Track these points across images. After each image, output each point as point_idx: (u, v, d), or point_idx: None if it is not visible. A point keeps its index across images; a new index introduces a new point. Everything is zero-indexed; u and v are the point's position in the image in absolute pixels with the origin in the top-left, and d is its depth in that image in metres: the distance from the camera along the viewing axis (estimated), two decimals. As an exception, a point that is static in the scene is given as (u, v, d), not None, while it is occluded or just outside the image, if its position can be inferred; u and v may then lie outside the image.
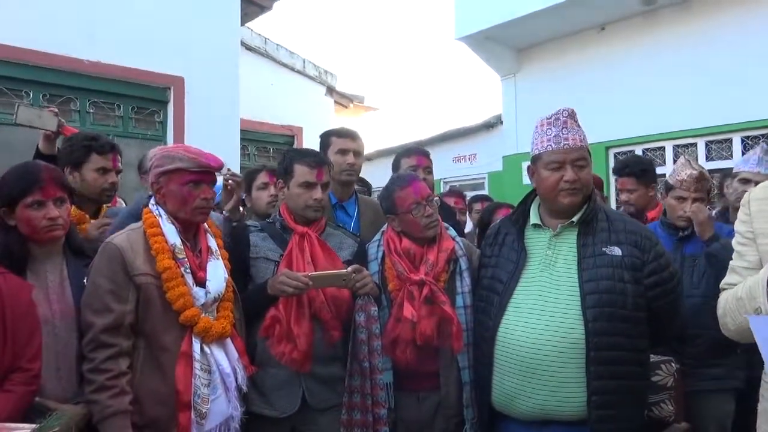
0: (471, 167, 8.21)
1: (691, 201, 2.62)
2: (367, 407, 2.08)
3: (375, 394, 2.09)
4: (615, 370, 1.85)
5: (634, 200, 3.18)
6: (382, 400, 2.09)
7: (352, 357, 2.12)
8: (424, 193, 2.26)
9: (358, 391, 2.11)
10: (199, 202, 1.92)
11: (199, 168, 1.92)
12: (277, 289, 2.01)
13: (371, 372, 2.09)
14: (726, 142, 5.97)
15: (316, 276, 2.01)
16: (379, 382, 2.09)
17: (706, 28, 5.84)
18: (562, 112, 2.04)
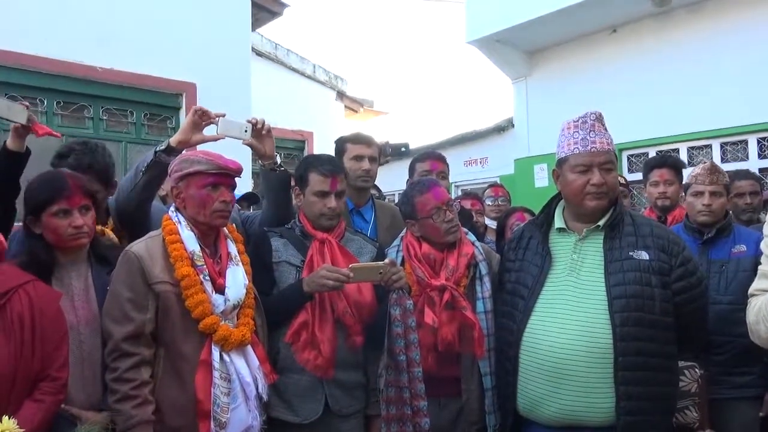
0: (482, 171, 8.19)
1: (708, 194, 2.62)
2: (405, 400, 2.05)
3: (414, 387, 2.06)
4: (643, 375, 1.82)
5: (671, 193, 3.16)
6: (421, 393, 2.06)
7: (387, 352, 2.09)
8: (444, 198, 2.24)
9: (393, 384, 2.08)
10: (218, 205, 1.90)
11: (218, 170, 1.91)
12: (318, 284, 2.00)
13: (409, 365, 2.06)
14: (741, 144, 5.91)
15: (356, 267, 2.01)
16: (417, 374, 2.06)
17: (719, 29, 5.79)
18: (590, 115, 2.03)
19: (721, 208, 2.64)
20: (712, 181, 2.64)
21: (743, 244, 2.52)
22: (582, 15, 6.37)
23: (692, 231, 2.67)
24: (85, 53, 5.00)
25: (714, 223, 2.62)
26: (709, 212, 2.61)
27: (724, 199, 2.65)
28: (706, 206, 2.61)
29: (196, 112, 2.16)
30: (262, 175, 2.36)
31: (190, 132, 2.17)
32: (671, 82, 6.10)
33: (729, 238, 2.59)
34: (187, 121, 2.18)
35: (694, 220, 2.68)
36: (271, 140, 2.32)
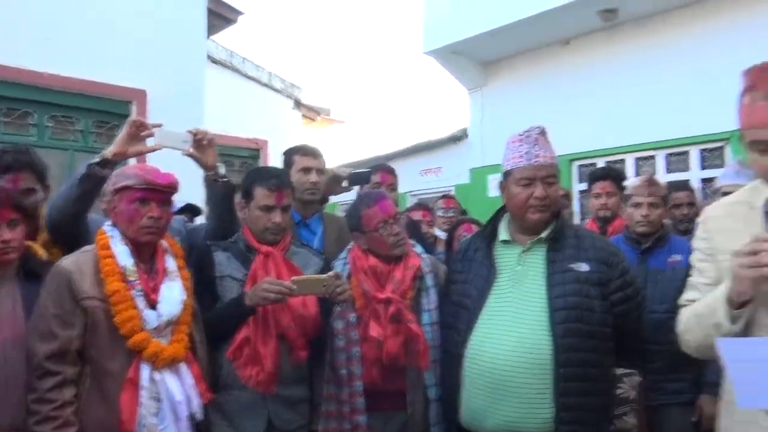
0: (438, 180, 8.27)
1: (647, 206, 2.71)
2: (344, 415, 2.05)
3: (353, 402, 2.06)
4: (583, 386, 1.85)
5: (611, 205, 3.26)
6: (361, 407, 2.06)
7: (329, 365, 2.08)
8: (392, 212, 2.25)
9: (333, 399, 2.08)
10: (146, 221, 1.86)
11: (147, 185, 1.87)
12: (259, 297, 1.96)
13: (349, 379, 2.06)
14: (684, 155, 6.13)
15: (299, 280, 1.98)
16: (357, 388, 2.06)
17: (663, 44, 6.01)
18: (534, 129, 2.06)
19: (659, 218, 2.74)
20: (650, 192, 2.73)
21: (678, 254, 2.61)
22: (535, 28, 6.53)
23: (631, 241, 2.75)
24: (30, 58, 4.83)
25: (652, 234, 2.71)
26: (647, 223, 2.70)
27: (661, 210, 2.75)
28: (644, 217, 2.70)
29: (132, 123, 2.12)
30: (205, 187, 2.33)
31: (125, 144, 2.13)
32: (619, 95, 6.29)
33: (665, 248, 2.68)
34: (123, 132, 2.13)
35: (633, 231, 2.76)
36: (213, 151, 2.29)
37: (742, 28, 5.28)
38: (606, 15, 6.17)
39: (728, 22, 5.50)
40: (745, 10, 5.43)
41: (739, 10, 5.49)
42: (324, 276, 2.02)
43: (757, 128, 1.33)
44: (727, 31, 5.42)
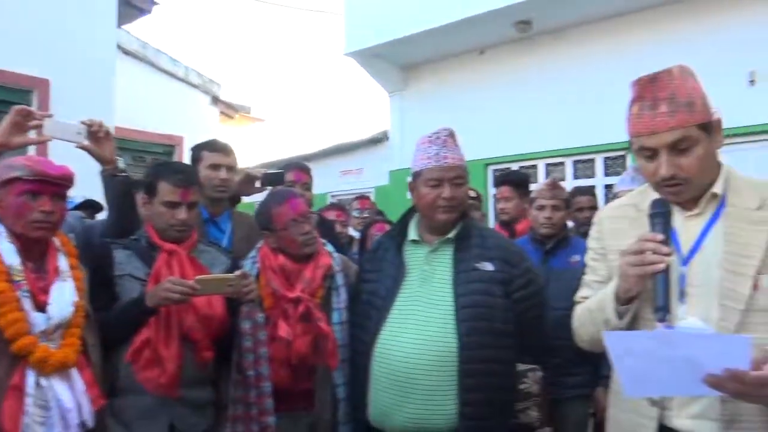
0: (358, 181, 8.30)
1: (550, 208, 2.84)
2: (252, 417, 2.00)
3: (261, 403, 2.01)
4: (486, 382, 1.90)
5: (510, 209, 3.39)
6: (269, 408, 2.02)
7: (235, 367, 2.03)
8: (302, 210, 2.23)
9: (240, 401, 2.03)
10: (37, 215, 1.74)
11: (36, 177, 1.74)
12: (160, 297, 1.87)
13: (257, 381, 2.02)
14: (590, 162, 6.48)
15: (203, 279, 1.91)
16: (266, 389, 2.02)
17: (576, 56, 6.33)
18: (442, 131, 2.11)
19: (561, 220, 2.87)
20: (552, 196, 2.87)
21: (578, 255, 2.74)
22: (452, 35, 6.69)
23: (535, 242, 2.87)
24: None
25: (555, 235, 2.84)
26: (550, 225, 2.83)
27: (563, 212, 2.89)
28: (547, 219, 2.83)
29: (17, 112, 1.97)
30: (102, 182, 2.21)
31: (7, 134, 1.97)
32: (533, 103, 6.56)
33: (567, 249, 2.81)
34: (7, 121, 1.97)
35: (537, 232, 2.89)
36: (110, 143, 2.17)
37: (646, 44, 5.64)
38: (521, 26, 6.42)
39: (635, 38, 5.87)
40: (651, 29, 5.82)
41: (645, 28, 5.87)
42: (230, 275, 1.96)
43: (643, 136, 1.41)
44: (633, 45, 5.78)
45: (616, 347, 1.21)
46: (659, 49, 5.38)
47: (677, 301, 1.41)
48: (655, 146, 1.40)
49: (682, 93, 1.37)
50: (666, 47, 5.35)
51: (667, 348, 1.13)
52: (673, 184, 1.41)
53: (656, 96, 1.39)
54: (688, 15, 5.69)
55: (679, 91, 1.38)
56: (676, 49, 5.05)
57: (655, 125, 1.38)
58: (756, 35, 5.34)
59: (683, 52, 4.50)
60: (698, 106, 1.38)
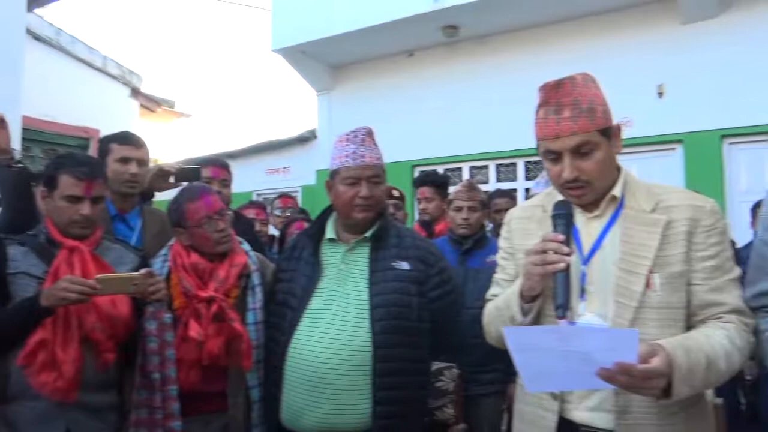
0: (285, 180, 8.19)
1: (466, 209, 2.90)
2: (157, 422, 1.92)
3: (167, 407, 1.94)
4: (400, 380, 1.91)
5: (431, 209, 3.44)
6: (176, 412, 1.94)
7: (139, 370, 1.95)
8: (217, 207, 2.16)
9: (144, 405, 1.94)
10: None
11: None
12: (57, 297, 1.76)
13: (163, 383, 1.94)
14: (512, 166, 6.69)
15: (104, 278, 1.80)
16: (172, 393, 1.95)
17: (499, 63, 6.51)
18: (360, 130, 2.11)
19: (478, 221, 2.94)
20: (469, 197, 2.93)
21: (494, 255, 2.81)
22: (380, 37, 6.73)
23: (453, 242, 2.93)
24: None
25: (472, 235, 2.90)
26: (467, 225, 2.89)
27: (480, 213, 2.95)
28: (464, 220, 2.89)
29: None
30: None
31: None
32: (458, 106, 6.70)
33: (484, 249, 2.88)
34: None
35: (455, 232, 2.94)
36: (5, 133, 2.03)
37: (564, 55, 5.87)
38: (448, 31, 6.54)
39: (554, 48, 6.11)
40: (568, 41, 6.08)
41: (563, 40, 6.12)
42: (135, 274, 1.87)
43: (548, 140, 1.46)
44: (551, 55, 6.00)
45: (516, 343, 1.24)
46: (576, 61, 5.61)
47: (578, 299, 1.46)
48: (558, 149, 1.45)
49: (585, 99, 1.43)
50: (582, 59, 5.59)
51: (563, 343, 1.17)
52: (575, 187, 1.46)
53: (560, 101, 1.44)
54: (602, 29, 5.99)
55: (581, 97, 1.43)
56: (591, 61, 5.28)
57: (559, 129, 1.43)
58: (664, 50, 5.69)
59: (598, 63, 4.74)
60: (599, 113, 1.44)
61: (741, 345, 1.35)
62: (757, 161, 5.43)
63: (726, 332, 1.35)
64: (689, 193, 1.52)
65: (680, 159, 5.71)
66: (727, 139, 5.53)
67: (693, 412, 1.44)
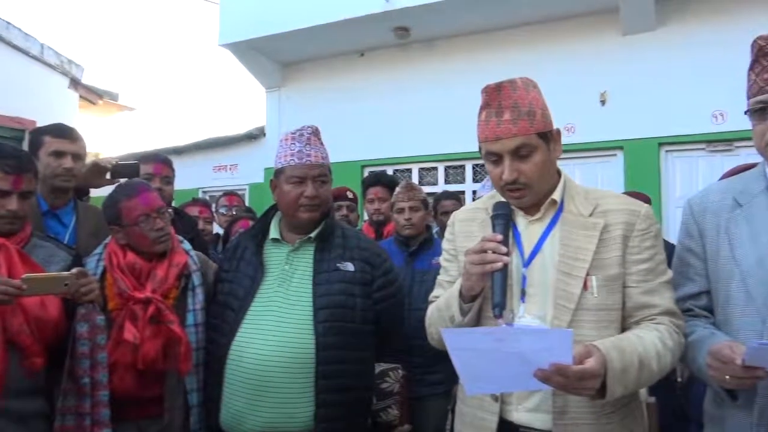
0: (232, 177, 8.03)
1: (408, 210, 2.91)
2: (84, 429, 1.83)
3: (96, 414, 1.84)
4: (343, 383, 1.89)
5: (384, 209, 3.43)
6: (105, 419, 1.86)
7: (68, 374, 1.85)
8: (155, 205, 2.09)
9: (71, 412, 1.84)
10: None
11: None
12: None
13: (93, 388, 1.85)
14: (460, 168, 6.77)
15: (32, 278, 1.71)
16: (102, 398, 1.86)
17: (448, 67, 6.57)
18: (306, 128, 2.08)
19: (421, 221, 2.94)
20: (409, 197, 2.93)
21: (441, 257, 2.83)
22: (332, 35, 6.69)
23: (400, 243, 2.93)
24: None
25: (417, 236, 2.91)
26: (410, 225, 2.90)
27: (422, 212, 2.95)
28: (407, 220, 2.89)
29: None
30: None
31: None
32: (408, 108, 6.73)
33: (430, 250, 2.89)
34: None
35: (399, 234, 2.94)
36: None
37: (510, 61, 5.98)
38: (399, 33, 6.56)
39: (500, 54, 6.21)
40: (514, 47, 6.20)
41: (509, 46, 6.24)
42: (65, 274, 1.78)
43: (489, 141, 1.48)
44: (497, 61, 6.10)
45: (454, 344, 1.24)
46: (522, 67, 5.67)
47: (518, 301, 1.48)
48: (499, 151, 1.47)
49: (524, 102, 1.45)
50: (529, 65, 5.68)
51: (499, 344, 1.18)
52: (514, 189, 1.48)
53: (501, 104, 1.46)
54: (547, 37, 6.14)
55: (521, 100, 1.45)
56: (537, 68, 5.37)
57: (499, 132, 1.45)
58: (606, 59, 5.88)
59: (543, 70, 4.85)
60: (538, 116, 1.46)
61: (672, 346, 1.40)
62: (690, 169, 5.68)
63: (658, 333, 1.39)
64: (625, 198, 1.56)
65: (620, 165, 5.91)
66: (663, 146, 5.76)
67: (627, 411, 1.48)
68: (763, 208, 1.46)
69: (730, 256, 1.47)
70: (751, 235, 1.45)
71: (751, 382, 1.29)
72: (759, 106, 1.41)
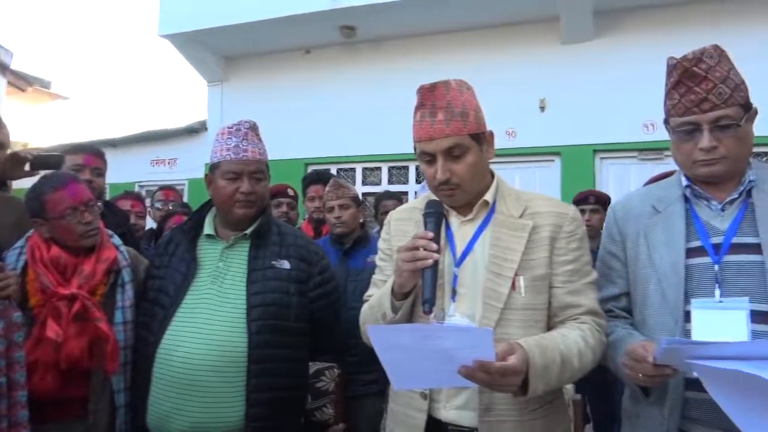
0: (171, 172, 7.80)
1: (337, 208, 2.91)
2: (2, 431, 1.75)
3: (14, 415, 1.75)
4: (275, 382, 1.87)
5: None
6: (23, 421, 1.77)
7: None
8: (83, 198, 2.01)
9: None
10: None
11: None
12: None
13: (10, 389, 1.75)
14: (404, 169, 6.82)
15: None
16: (20, 399, 1.77)
17: (392, 67, 6.60)
18: (244, 123, 2.04)
19: (352, 218, 2.94)
20: (338, 195, 2.94)
21: (375, 255, 2.84)
22: (277, 31, 6.61)
23: (334, 242, 2.92)
24: None
25: (350, 234, 2.90)
26: (341, 223, 2.90)
27: (353, 210, 2.94)
28: (337, 219, 2.90)
29: None
30: None
31: None
32: (353, 107, 6.72)
33: (366, 248, 2.89)
34: None
35: (333, 233, 2.93)
36: None
37: (451, 65, 6.01)
38: (346, 31, 6.55)
39: (442, 57, 6.27)
40: (456, 51, 6.29)
41: (451, 50, 6.33)
42: None
43: (423, 141, 1.50)
44: (440, 64, 6.15)
45: (380, 341, 1.25)
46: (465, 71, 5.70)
47: (449, 300, 1.51)
48: (432, 151, 1.49)
49: (458, 103, 1.48)
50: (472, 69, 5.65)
51: (424, 341, 1.20)
52: (447, 188, 1.51)
53: (435, 104, 1.48)
54: (490, 42, 6.27)
55: (454, 101, 1.48)
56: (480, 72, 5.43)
57: (433, 132, 1.47)
58: (546, 67, 6.05)
59: (486, 75, 4.95)
60: (471, 117, 1.49)
61: (594, 344, 1.45)
62: (623, 175, 5.92)
63: (581, 332, 1.44)
64: (554, 201, 1.61)
65: (558, 170, 6.10)
66: (598, 153, 5.98)
67: (552, 408, 1.53)
68: (678, 215, 1.55)
69: (648, 261, 1.55)
70: (667, 240, 1.53)
71: (662, 380, 1.37)
72: (686, 128, 1.48)
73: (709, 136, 1.45)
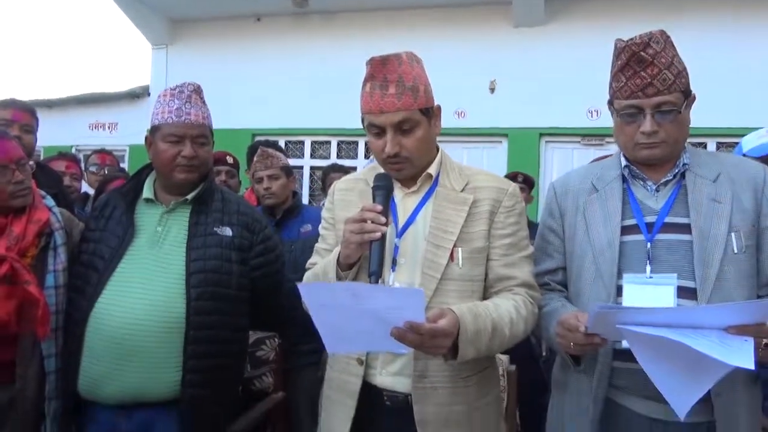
0: (110, 137, 7.51)
1: (266, 178, 2.86)
2: None
3: None
4: (214, 349, 1.85)
5: None
6: None
7: None
8: (13, 156, 1.92)
9: None
10: None
11: None
12: None
13: None
14: (353, 144, 6.80)
15: None
16: None
17: (344, 41, 6.55)
18: (188, 85, 1.98)
19: (282, 189, 2.88)
20: (266, 165, 2.88)
21: (309, 224, 2.82)
22: (226, -4, 6.41)
23: (265, 213, 2.86)
24: None
25: (281, 204, 2.87)
26: (270, 195, 2.85)
27: (282, 180, 2.88)
28: (266, 189, 2.85)
29: None
30: None
31: None
32: (303, 79, 6.63)
33: (298, 218, 2.87)
34: None
35: (263, 204, 2.89)
36: None
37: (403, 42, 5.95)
38: (298, 1, 6.42)
39: (395, 33, 6.27)
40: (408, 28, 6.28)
41: (404, 27, 6.32)
42: None
43: (373, 114, 1.50)
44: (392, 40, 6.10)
45: (311, 299, 1.26)
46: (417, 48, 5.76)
47: (389, 269, 1.53)
48: (382, 124, 1.50)
49: (409, 77, 1.49)
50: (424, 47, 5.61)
51: (355, 300, 1.20)
52: (395, 162, 1.52)
53: (386, 77, 1.48)
54: (444, 22, 6.29)
55: (406, 75, 1.49)
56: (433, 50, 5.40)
57: (383, 105, 1.48)
58: (497, 49, 6.13)
59: (438, 53, 4.97)
60: (422, 92, 1.50)
61: (525, 315, 1.51)
62: (566, 159, 6.11)
63: (514, 303, 1.50)
64: (495, 177, 1.66)
65: (504, 152, 6.22)
66: (544, 137, 6.13)
67: (484, 377, 1.59)
68: (616, 194, 1.62)
69: (585, 236, 1.61)
70: (604, 217, 1.60)
71: (592, 348, 1.44)
72: (629, 111, 1.54)
73: (651, 120, 1.51)
